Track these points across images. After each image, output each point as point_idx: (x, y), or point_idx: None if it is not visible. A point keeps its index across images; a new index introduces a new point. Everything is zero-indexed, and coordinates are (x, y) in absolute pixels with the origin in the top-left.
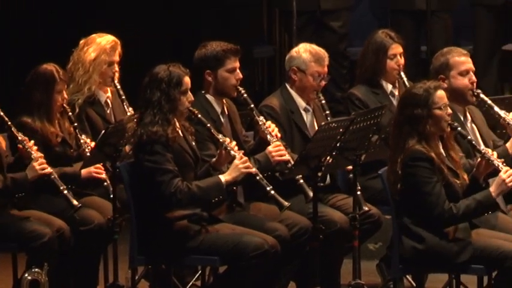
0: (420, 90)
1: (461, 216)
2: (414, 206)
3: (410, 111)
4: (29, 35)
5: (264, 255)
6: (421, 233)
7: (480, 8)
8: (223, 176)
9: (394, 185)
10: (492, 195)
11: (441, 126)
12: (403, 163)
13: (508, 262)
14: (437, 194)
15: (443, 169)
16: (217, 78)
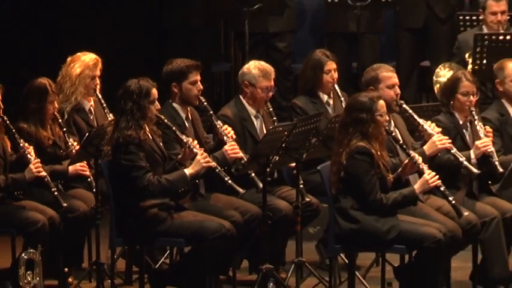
0: (365, 98)
1: (389, 206)
2: (353, 192)
3: (356, 115)
4: (23, 52)
5: (222, 237)
6: (357, 215)
7: (402, 30)
8: (188, 170)
9: (336, 174)
10: (416, 192)
11: (380, 130)
12: (349, 155)
13: (425, 243)
14: (372, 184)
15: (380, 164)
16: (182, 90)
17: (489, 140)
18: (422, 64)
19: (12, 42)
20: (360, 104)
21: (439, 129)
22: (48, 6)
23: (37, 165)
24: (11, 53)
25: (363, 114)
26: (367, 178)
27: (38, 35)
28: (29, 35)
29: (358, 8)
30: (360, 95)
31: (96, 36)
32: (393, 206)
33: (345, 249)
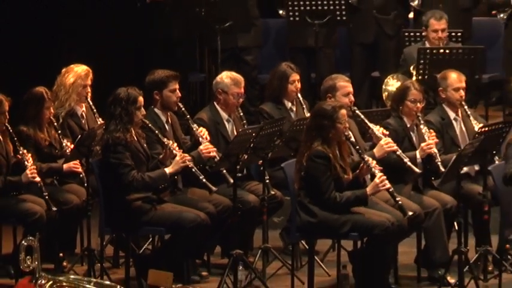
0: (329, 107)
1: (342, 204)
2: (311, 190)
3: (320, 121)
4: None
5: (197, 226)
6: (315, 210)
7: (355, 45)
8: (168, 169)
9: (298, 172)
10: (367, 194)
11: (340, 135)
12: (308, 157)
13: (375, 230)
14: (328, 184)
15: (336, 166)
16: (163, 97)
17: (433, 142)
18: (372, 75)
19: (13, 50)
20: (323, 111)
21: (387, 132)
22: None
23: (32, 171)
24: (12, 61)
25: (325, 121)
26: (323, 179)
27: (36, 44)
28: (28, 43)
29: (316, 26)
30: (325, 103)
31: (88, 49)
32: (346, 204)
33: (304, 237)
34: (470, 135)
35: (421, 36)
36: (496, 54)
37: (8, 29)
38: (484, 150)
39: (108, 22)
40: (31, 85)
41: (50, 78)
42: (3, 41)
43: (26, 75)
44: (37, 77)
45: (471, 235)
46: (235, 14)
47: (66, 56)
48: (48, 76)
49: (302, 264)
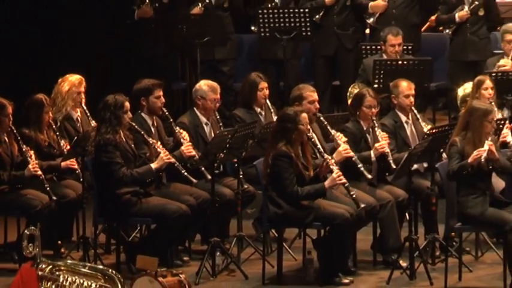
0: (292, 111)
1: (303, 196)
2: (276, 185)
3: (284, 124)
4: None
5: (180, 217)
6: (281, 203)
7: (317, 57)
8: (153, 164)
9: (266, 169)
10: (325, 187)
11: (302, 136)
12: (273, 156)
13: (336, 220)
14: (290, 180)
15: (298, 164)
16: (149, 103)
17: (385, 143)
18: (333, 83)
19: (15, 60)
20: (287, 115)
21: (345, 139)
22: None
23: (35, 166)
24: (14, 70)
25: (289, 124)
26: (286, 175)
27: (36, 54)
28: (29, 54)
29: (284, 40)
30: (288, 109)
31: (82, 60)
32: (306, 196)
33: (274, 227)
34: (419, 136)
35: (377, 49)
36: (442, 65)
37: (12, 43)
38: (432, 150)
39: (101, 36)
40: (31, 91)
41: (48, 85)
42: (7, 53)
43: (27, 82)
44: (37, 84)
45: (420, 224)
46: (213, 30)
47: (63, 66)
48: (46, 83)
49: (272, 250)
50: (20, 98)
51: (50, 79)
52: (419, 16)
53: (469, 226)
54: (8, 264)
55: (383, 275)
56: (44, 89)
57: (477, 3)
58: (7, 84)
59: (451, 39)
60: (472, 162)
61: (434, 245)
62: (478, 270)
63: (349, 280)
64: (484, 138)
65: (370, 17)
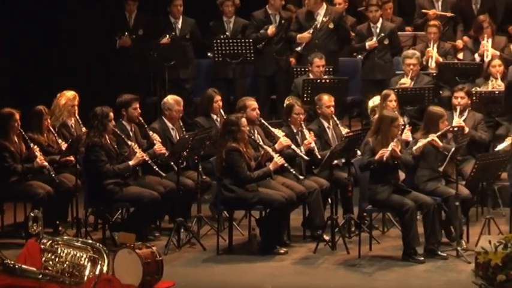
0: (234, 117)
1: (255, 179)
2: (232, 174)
3: (229, 127)
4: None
5: (152, 201)
6: (233, 188)
7: (259, 77)
8: (131, 162)
9: (220, 164)
10: (271, 169)
11: (244, 136)
12: (226, 152)
13: (275, 204)
14: (243, 168)
15: (245, 156)
16: (128, 113)
17: (312, 140)
18: (272, 97)
19: (20, 77)
20: (231, 121)
21: (283, 133)
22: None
23: (41, 158)
24: (19, 85)
25: (233, 127)
26: (239, 164)
27: (37, 73)
28: (32, 73)
29: (233, 64)
30: (231, 116)
31: (76, 79)
32: (257, 178)
33: (226, 209)
34: (338, 138)
35: (305, 70)
36: (355, 83)
37: (21, 65)
38: (349, 149)
39: (90, 60)
40: (34, 103)
41: (48, 98)
42: (16, 73)
43: (31, 96)
44: (38, 97)
45: (339, 207)
46: (178, 56)
47: (60, 83)
48: (46, 97)
49: (224, 228)
50: (25, 108)
51: (50, 93)
52: (336, 45)
53: (377, 208)
54: (17, 240)
55: (311, 246)
56: (44, 101)
57: (383, 35)
58: (15, 97)
59: (363, 62)
60: (376, 159)
61: (350, 223)
62: (384, 242)
63: (284, 251)
64: (391, 140)
65: (298, 46)
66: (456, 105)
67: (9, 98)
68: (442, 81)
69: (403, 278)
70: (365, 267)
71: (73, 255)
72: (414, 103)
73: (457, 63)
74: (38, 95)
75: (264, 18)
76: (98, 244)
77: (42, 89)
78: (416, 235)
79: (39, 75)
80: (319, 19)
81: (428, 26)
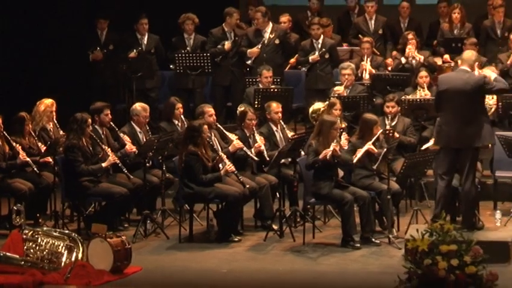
0: (197, 124)
1: (207, 181)
2: (189, 174)
3: (191, 133)
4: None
5: (122, 196)
6: (192, 185)
7: (216, 86)
8: (104, 164)
9: (181, 164)
10: (221, 174)
11: (204, 141)
12: (186, 155)
13: (229, 198)
14: (198, 170)
15: (202, 159)
16: (100, 118)
17: (261, 144)
18: (227, 104)
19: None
20: (193, 127)
21: (236, 136)
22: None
23: (24, 155)
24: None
25: (195, 133)
26: (195, 167)
27: (20, 82)
28: (15, 82)
29: (193, 75)
30: (194, 122)
31: (54, 87)
32: (209, 182)
33: (187, 202)
34: (285, 140)
35: (256, 81)
36: (300, 92)
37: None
38: (294, 149)
39: (67, 72)
40: (16, 109)
41: (29, 105)
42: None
43: (13, 103)
44: (20, 104)
45: (287, 200)
46: (144, 68)
47: (40, 92)
48: (27, 104)
49: (185, 219)
50: (7, 113)
51: (31, 101)
52: (282, 58)
53: (319, 201)
54: (2, 231)
55: (261, 235)
56: (26, 108)
57: (324, 50)
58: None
59: (306, 74)
60: (321, 159)
61: (296, 214)
62: (325, 231)
63: (238, 239)
64: (331, 141)
65: (249, 60)
66: (388, 113)
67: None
68: (375, 91)
69: (342, 262)
70: (309, 253)
71: (51, 243)
72: (351, 109)
73: (388, 75)
74: (19, 102)
75: (221, 35)
76: (73, 234)
77: (23, 97)
78: (353, 225)
79: (21, 84)
80: (266, 36)
81: (362, 42)
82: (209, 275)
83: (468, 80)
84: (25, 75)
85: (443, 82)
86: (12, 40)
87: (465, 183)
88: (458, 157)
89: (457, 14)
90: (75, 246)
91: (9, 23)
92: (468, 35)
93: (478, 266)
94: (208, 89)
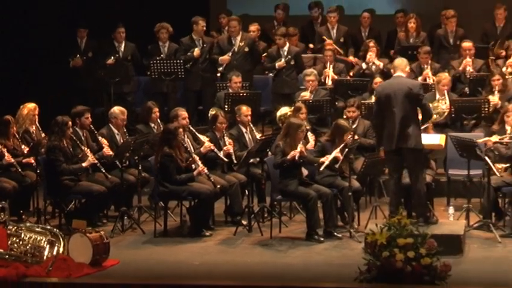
0: (172, 127)
1: (181, 181)
2: (164, 174)
3: (167, 135)
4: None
5: (100, 194)
6: (166, 184)
7: (188, 91)
8: (84, 164)
9: (157, 164)
10: (193, 175)
11: (178, 143)
12: (161, 156)
13: (202, 195)
14: (172, 171)
15: (176, 160)
16: (81, 121)
17: (230, 146)
18: (199, 108)
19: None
20: (169, 129)
21: (207, 138)
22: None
23: (9, 156)
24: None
25: (170, 135)
26: (169, 168)
27: (5, 88)
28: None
29: (167, 81)
30: (170, 125)
31: (37, 94)
32: (182, 181)
33: (162, 200)
34: (254, 141)
35: (226, 86)
36: (267, 96)
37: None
38: (262, 150)
39: (49, 77)
40: (1, 113)
41: (13, 109)
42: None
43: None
44: (5, 108)
45: (255, 197)
46: (121, 74)
47: (24, 96)
48: (12, 107)
49: (160, 215)
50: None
51: (15, 105)
52: (251, 65)
53: (286, 198)
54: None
55: (231, 229)
56: (10, 111)
57: (289, 57)
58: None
59: (273, 79)
60: (289, 159)
61: (264, 210)
62: (291, 226)
63: (210, 233)
64: (298, 143)
65: (220, 66)
66: (349, 117)
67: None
68: (337, 95)
69: (306, 255)
70: (276, 246)
71: (34, 238)
72: (315, 113)
73: (348, 80)
74: (4, 106)
75: (190, 43)
76: (55, 229)
77: (8, 101)
78: (317, 220)
79: (6, 90)
80: (236, 44)
81: (325, 50)
82: (182, 267)
83: (405, 84)
84: (10, 81)
85: (381, 88)
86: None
87: (415, 181)
88: (403, 157)
89: (413, 24)
90: (57, 241)
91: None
92: (423, 43)
93: (433, 258)
94: (181, 94)
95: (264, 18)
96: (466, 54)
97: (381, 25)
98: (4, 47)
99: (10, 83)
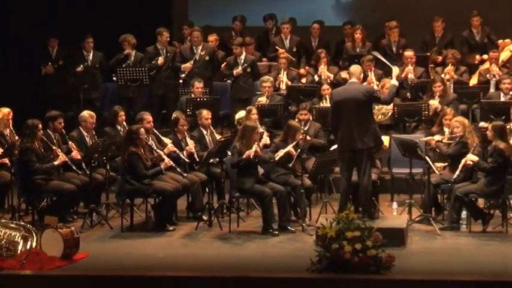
0: (134, 128)
1: (149, 175)
2: (131, 171)
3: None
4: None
5: (71, 192)
6: (133, 182)
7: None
8: (55, 162)
9: (123, 163)
10: (162, 169)
11: (142, 142)
12: (128, 155)
13: (166, 193)
14: (140, 167)
15: (142, 158)
16: (54, 125)
17: (192, 146)
18: (162, 112)
19: None
20: (132, 131)
21: (170, 140)
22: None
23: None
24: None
25: (133, 135)
26: (137, 164)
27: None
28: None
29: (133, 87)
30: (133, 127)
31: (11, 99)
32: (151, 175)
33: (128, 197)
34: (214, 143)
35: (188, 91)
36: (226, 101)
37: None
38: (221, 151)
39: (22, 83)
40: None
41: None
42: None
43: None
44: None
45: (215, 194)
46: (89, 81)
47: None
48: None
49: (127, 211)
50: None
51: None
52: (211, 72)
53: (243, 195)
54: None
55: (193, 224)
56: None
57: (246, 65)
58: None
59: (231, 86)
60: (245, 158)
61: (223, 206)
62: (248, 221)
63: (173, 228)
64: (253, 143)
65: (182, 73)
66: (301, 119)
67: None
68: (290, 100)
69: (263, 247)
70: (234, 239)
71: (9, 234)
72: (270, 116)
73: (301, 86)
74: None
75: (154, 51)
76: (28, 225)
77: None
78: (272, 215)
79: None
80: (198, 53)
81: (279, 58)
82: (148, 260)
83: (359, 89)
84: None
85: (337, 94)
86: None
87: (363, 179)
88: (355, 157)
89: (359, 34)
90: (30, 236)
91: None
92: (368, 52)
93: (378, 250)
94: (146, 99)
95: (222, 29)
96: (408, 62)
97: (330, 35)
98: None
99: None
